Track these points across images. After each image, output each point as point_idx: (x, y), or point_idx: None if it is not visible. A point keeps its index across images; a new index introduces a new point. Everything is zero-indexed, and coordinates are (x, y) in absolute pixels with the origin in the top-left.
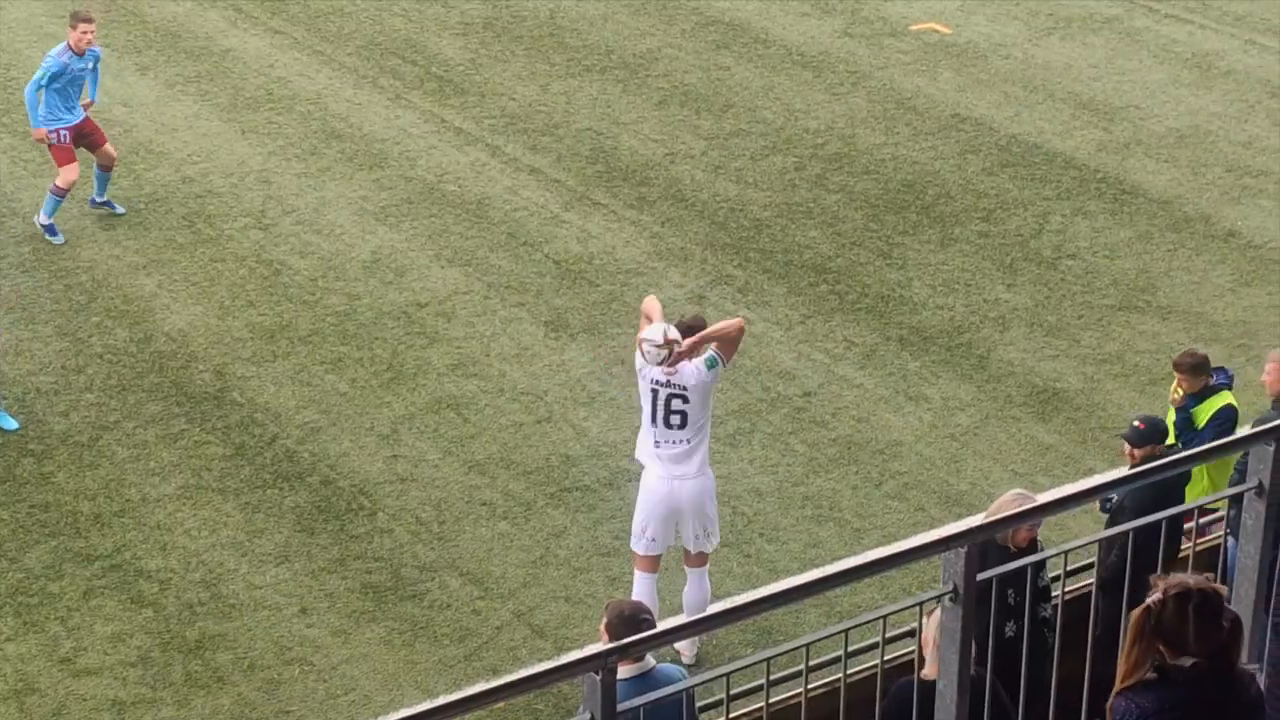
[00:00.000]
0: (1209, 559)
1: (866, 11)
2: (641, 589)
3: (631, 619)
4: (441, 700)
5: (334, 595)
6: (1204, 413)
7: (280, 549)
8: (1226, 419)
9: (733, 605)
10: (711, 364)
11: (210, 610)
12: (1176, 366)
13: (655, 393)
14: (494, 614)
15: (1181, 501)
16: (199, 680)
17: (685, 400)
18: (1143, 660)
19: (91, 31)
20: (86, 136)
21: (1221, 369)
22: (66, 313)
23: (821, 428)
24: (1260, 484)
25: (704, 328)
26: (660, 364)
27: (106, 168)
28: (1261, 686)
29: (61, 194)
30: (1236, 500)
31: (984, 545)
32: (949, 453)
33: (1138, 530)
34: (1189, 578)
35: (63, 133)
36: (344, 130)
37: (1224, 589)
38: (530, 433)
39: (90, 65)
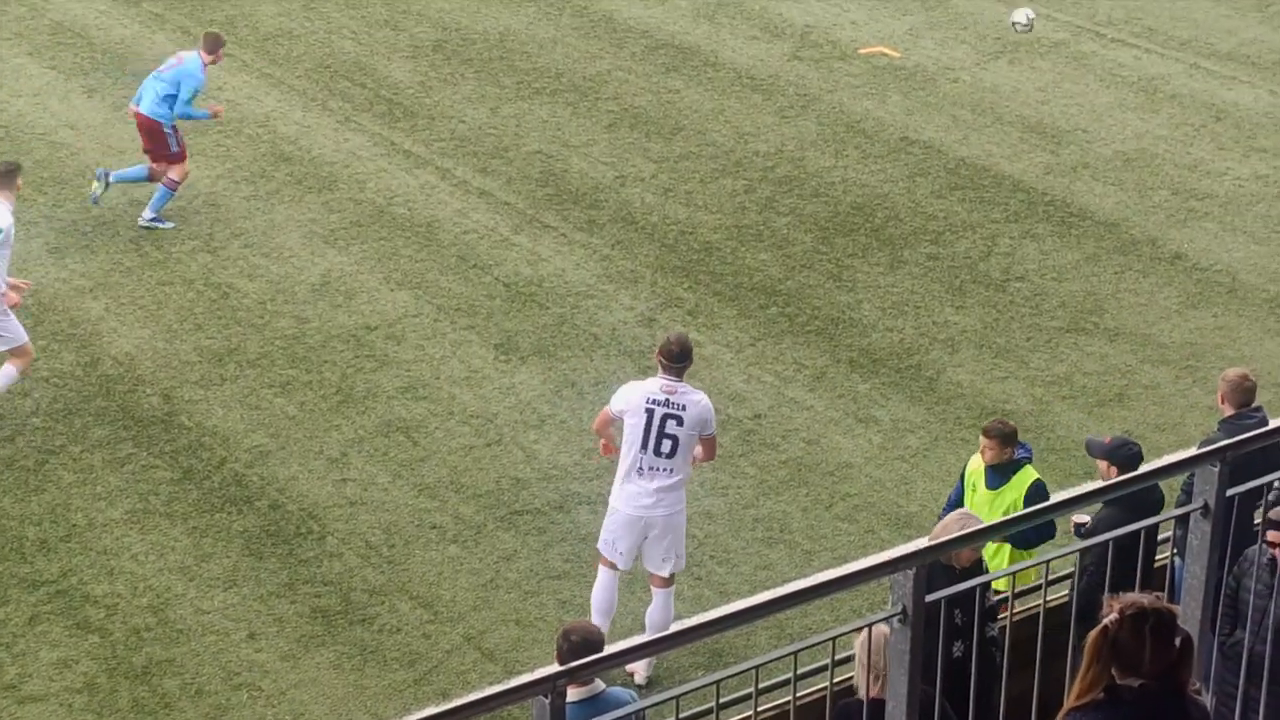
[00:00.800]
0: (1158, 579)
1: (815, 35)
2: (602, 583)
3: (582, 644)
4: None
5: (283, 620)
6: (1013, 490)
7: (228, 573)
8: (1042, 496)
9: (683, 628)
10: (710, 413)
11: (157, 636)
12: (986, 433)
13: (651, 412)
14: (444, 638)
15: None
16: (146, 707)
17: (680, 424)
18: (1098, 680)
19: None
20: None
21: (1023, 444)
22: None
23: (772, 450)
24: (1206, 504)
25: (690, 351)
26: None
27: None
28: (1208, 706)
29: (175, 187)
30: (1183, 521)
31: (930, 566)
32: (899, 474)
33: (1105, 553)
34: (1144, 598)
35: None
36: (293, 153)
37: (1177, 609)
38: (480, 456)
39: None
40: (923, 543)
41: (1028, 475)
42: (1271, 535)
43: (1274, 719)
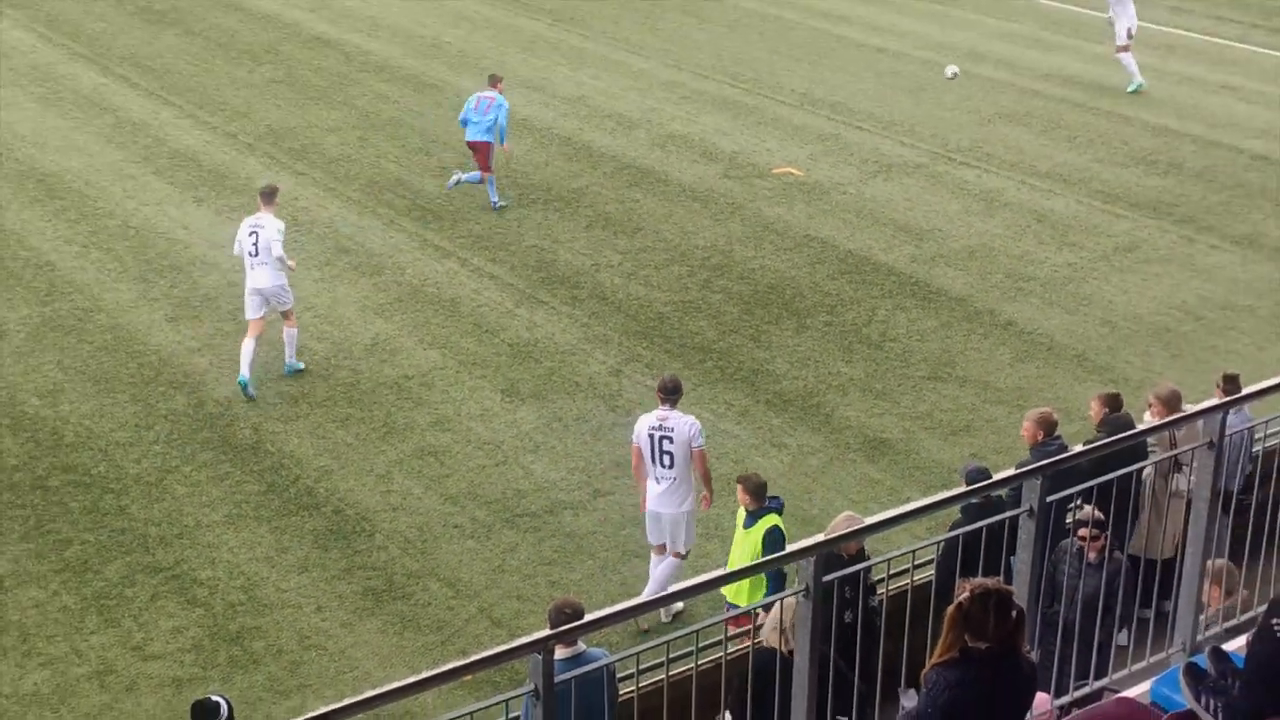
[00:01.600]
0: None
1: (740, 159)
2: (652, 561)
3: (561, 612)
4: (425, 674)
5: (342, 596)
6: (757, 531)
7: (301, 562)
8: (775, 539)
9: (637, 603)
10: (701, 434)
11: (248, 609)
12: (741, 483)
13: (652, 436)
14: (463, 610)
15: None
16: (239, 662)
17: (672, 442)
18: (953, 644)
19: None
20: (479, 152)
21: (775, 497)
22: (139, 384)
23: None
24: (1031, 509)
25: (679, 386)
26: None
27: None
28: (1034, 661)
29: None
30: (1014, 521)
31: (826, 555)
32: (803, 486)
33: (958, 546)
34: (988, 580)
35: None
36: (350, 247)
37: (1013, 589)
38: (490, 473)
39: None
40: (819, 538)
41: (769, 521)
42: (1081, 531)
43: (1083, 671)
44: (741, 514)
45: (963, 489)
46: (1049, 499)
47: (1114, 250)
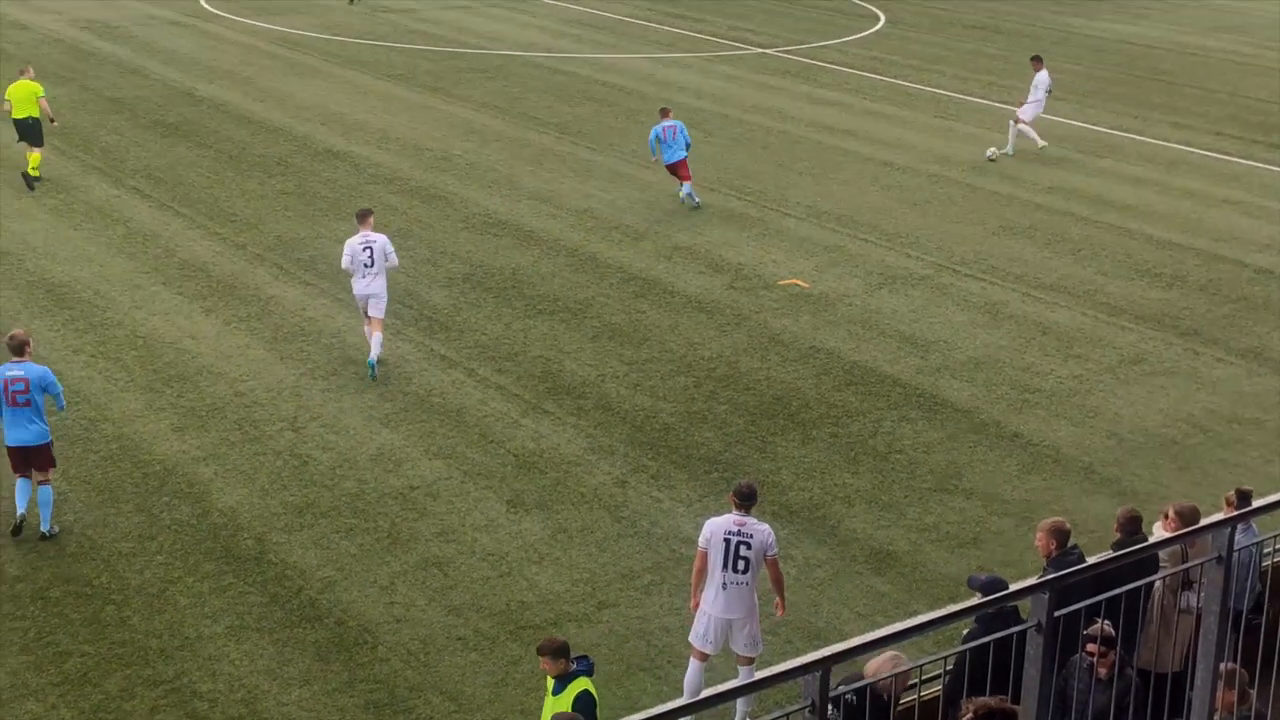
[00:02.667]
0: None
1: (746, 271)
2: (694, 669)
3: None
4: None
5: (344, 710)
6: (567, 696)
7: (303, 674)
8: (586, 705)
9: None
10: (776, 542)
11: None
12: (539, 651)
13: (728, 541)
14: None
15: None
16: None
17: (749, 548)
18: None
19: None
20: (681, 168)
21: (583, 657)
22: (144, 494)
23: None
24: (1039, 623)
25: (756, 493)
26: None
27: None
28: None
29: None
30: (1022, 636)
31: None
32: (809, 599)
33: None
34: (991, 700)
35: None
36: (357, 357)
37: (1018, 709)
38: (495, 585)
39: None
40: (825, 652)
41: (579, 686)
42: (1090, 647)
43: None
44: (550, 681)
45: (972, 602)
46: (1057, 614)
47: (1120, 362)
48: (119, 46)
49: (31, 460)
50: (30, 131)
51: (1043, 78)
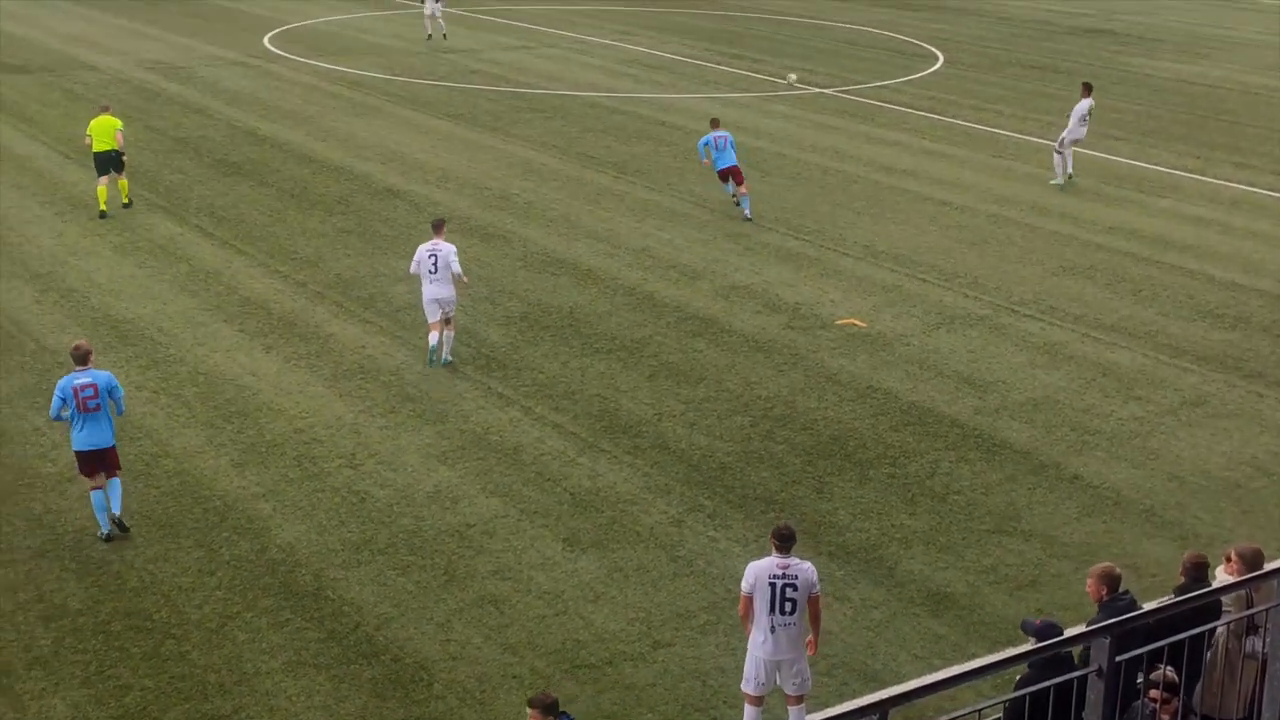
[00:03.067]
0: None
1: (804, 310)
2: (749, 716)
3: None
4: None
5: None
6: None
7: (360, 711)
8: None
9: None
10: (815, 578)
11: None
12: (530, 703)
13: (773, 584)
14: None
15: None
16: None
17: (795, 589)
18: None
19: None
20: (735, 174)
21: (565, 714)
22: (204, 529)
23: None
24: (1100, 668)
25: (795, 534)
26: None
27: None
28: None
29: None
30: (1079, 681)
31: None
32: (866, 641)
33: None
34: None
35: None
36: (415, 395)
37: None
38: (550, 623)
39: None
40: (882, 695)
41: None
42: (1153, 693)
43: None
44: None
45: (1031, 646)
46: (1119, 659)
47: (1181, 404)
48: (184, 87)
49: (106, 462)
50: (113, 162)
51: (1082, 105)
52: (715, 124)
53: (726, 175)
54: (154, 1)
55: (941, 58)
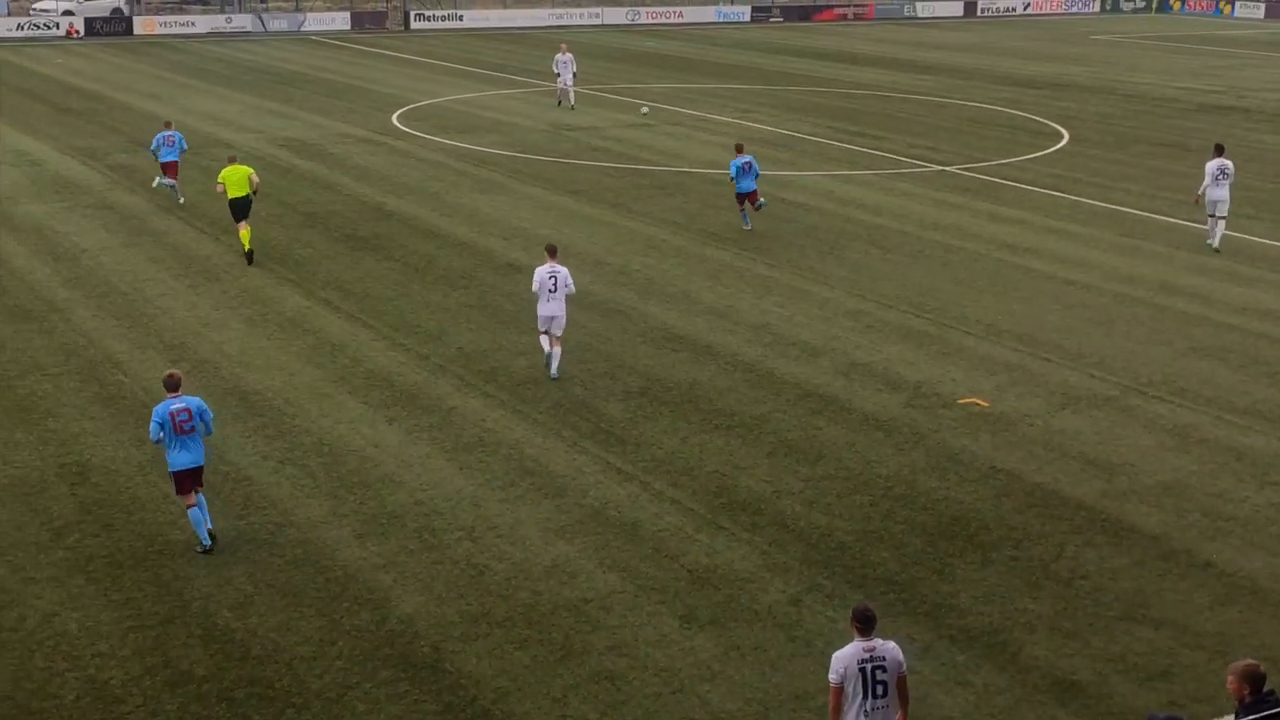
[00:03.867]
0: None
1: (925, 389)
2: None
3: None
4: None
5: None
6: None
7: None
8: None
9: None
10: (901, 656)
11: None
12: None
13: (864, 670)
14: None
15: None
16: None
17: (885, 671)
18: None
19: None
20: (750, 197)
21: None
22: (325, 599)
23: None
24: None
25: (875, 615)
26: None
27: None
28: None
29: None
30: None
31: None
32: None
33: None
34: None
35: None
36: (535, 469)
37: None
38: (666, 701)
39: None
40: None
41: None
42: None
43: None
44: None
45: None
46: None
47: None
48: (315, 164)
49: (198, 479)
50: (245, 209)
51: (1211, 164)
52: (740, 149)
53: (744, 199)
54: (288, 81)
55: (1066, 135)
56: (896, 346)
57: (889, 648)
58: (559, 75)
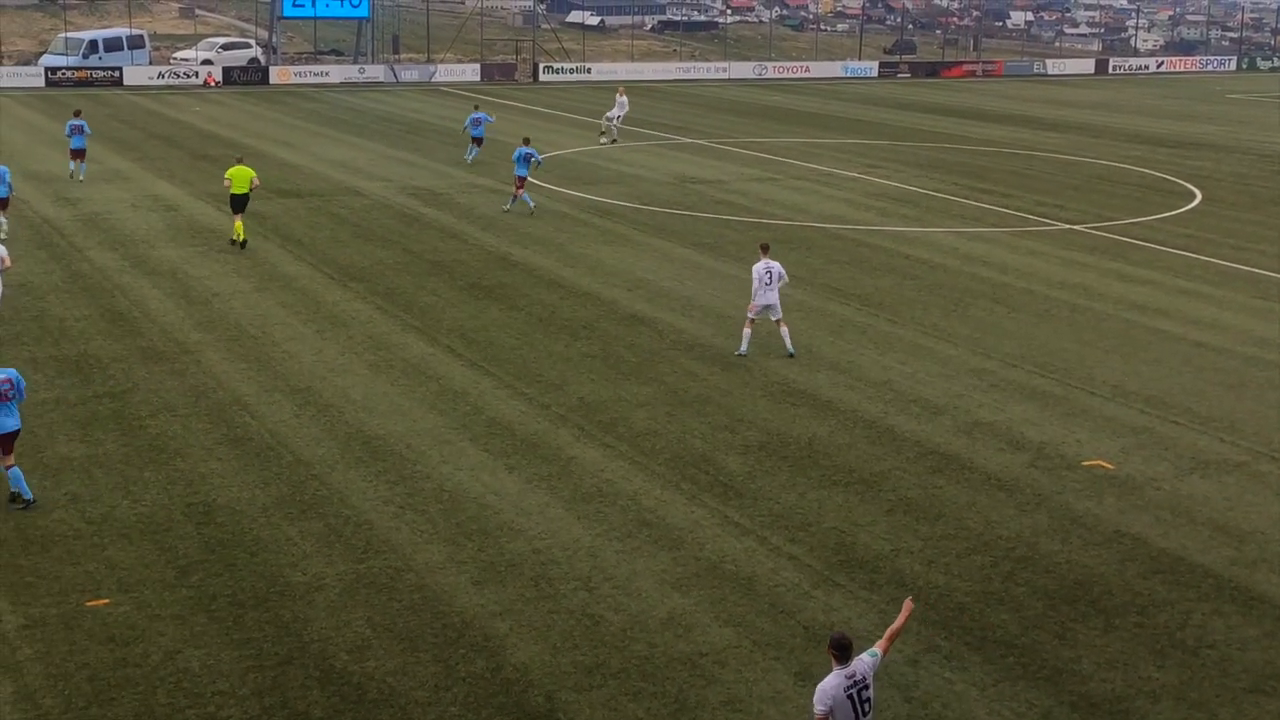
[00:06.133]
0: None
1: (1048, 450)
2: None
3: None
4: None
5: None
6: None
7: None
8: None
9: None
10: (873, 654)
11: None
12: None
13: (851, 696)
14: None
15: None
16: None
17: (868, 688)
18: None
19: None
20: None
21: None
22: (441, 644)
23: None
24: None
25: (851, 640)
26: None
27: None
28: None
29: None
30: None
31: None
32: None
33: None
34: None
35: None
36: (652, 520)
37: None
38: None
39: None
40: None
41: None
42: None
43: None
44: None
45: None
46: None
47: None
48: (442, 212)
49: (12, 443)
50: (243, 204)
51: None
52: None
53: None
54: (417, 130)
55: (1199, 195)
56: (1020, 406)
57: (863, 663)
58: (613, 114)
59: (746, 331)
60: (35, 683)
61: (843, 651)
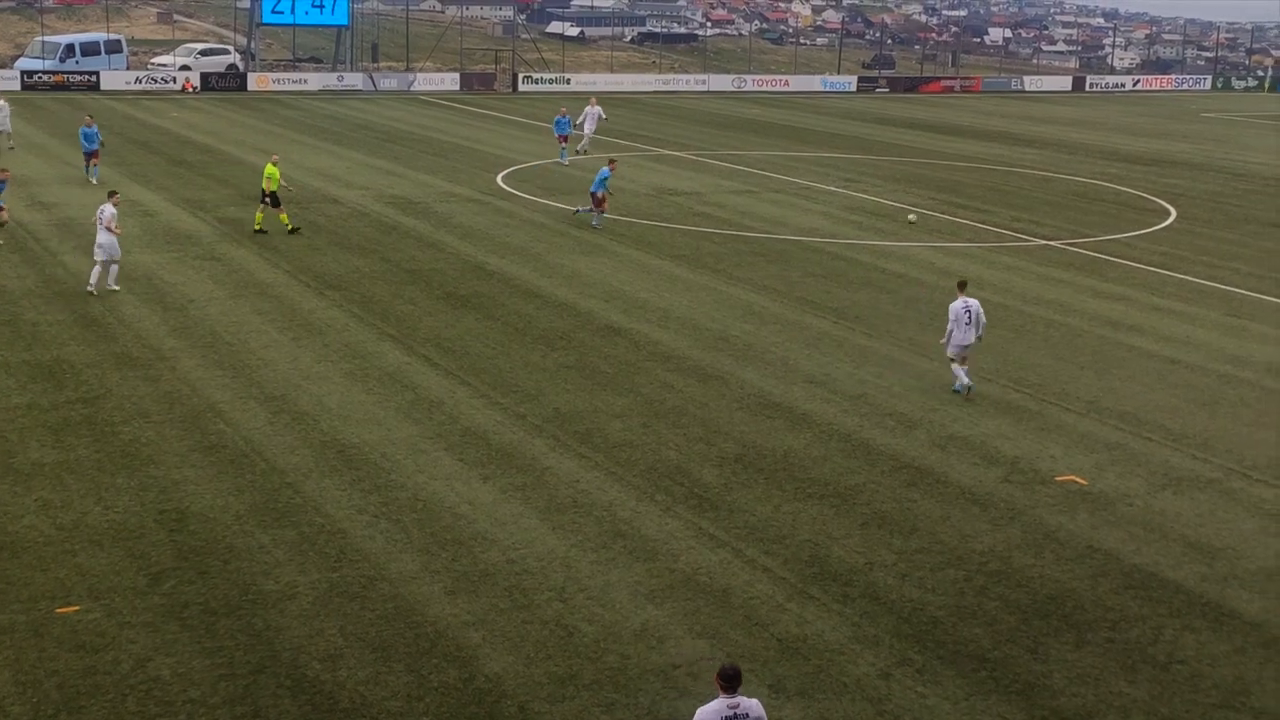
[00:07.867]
0: None
1: (1022, 464)
2: None
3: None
4: None
5: None
6: None
7: None
8: None
9: None
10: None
11: None
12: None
13: None
14: None
15: None
16: None
17: None
18: None
19: None
20: None
21: None
22: (414, 654)
23: None
24: None
25: (740, 673)
26: None
27: None
28: None
29: None
30: None
31: None
32: None
33: None
34: None
35: None
36: (627, 531)
37: None
38: None
39: None
40: None
41: None
42: None
43: None
44: None
45: None
46: None
47: None
48: (420, 221)
49: None
50: (275, 199)
51: None
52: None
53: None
54: (396, 139)
55: (1174, 213)
56: (995, 421)
57: (752, 705)
58: (582, 124)
59: (956, 368)
60: (3, 690)
61: (728, 681)
